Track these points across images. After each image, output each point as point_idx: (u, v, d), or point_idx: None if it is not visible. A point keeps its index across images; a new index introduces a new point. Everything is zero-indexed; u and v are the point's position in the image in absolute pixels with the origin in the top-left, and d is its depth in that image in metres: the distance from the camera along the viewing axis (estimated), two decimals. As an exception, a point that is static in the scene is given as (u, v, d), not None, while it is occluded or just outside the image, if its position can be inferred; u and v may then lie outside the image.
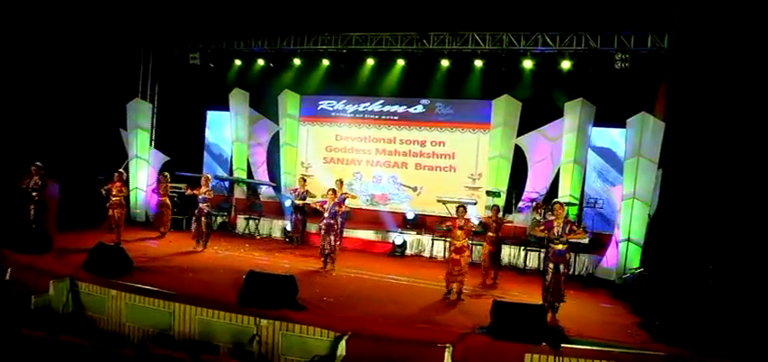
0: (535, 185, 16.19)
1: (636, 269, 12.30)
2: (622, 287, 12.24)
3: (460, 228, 10.38)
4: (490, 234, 12.18)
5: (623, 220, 12.87)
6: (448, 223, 10.65)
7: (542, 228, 9.68)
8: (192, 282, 10.07)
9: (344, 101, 18.11)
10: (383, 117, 17.79)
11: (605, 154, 15.94)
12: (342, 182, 14.70)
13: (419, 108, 17.42)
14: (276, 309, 8.40)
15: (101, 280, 9.52)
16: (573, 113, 15.39)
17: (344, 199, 12.65)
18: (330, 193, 12.22)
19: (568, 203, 14.99)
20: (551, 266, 9.45)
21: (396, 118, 17.66)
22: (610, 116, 15.38)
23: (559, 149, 15.72)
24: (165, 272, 10.62)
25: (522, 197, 16.14)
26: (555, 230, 9.43)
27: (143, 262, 11.02)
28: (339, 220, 12.24)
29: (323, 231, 12.10)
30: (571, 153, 15.38)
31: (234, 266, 11.73)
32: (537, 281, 12.66)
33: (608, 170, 15.96)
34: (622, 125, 15.47)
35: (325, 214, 12.05)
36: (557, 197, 15.46)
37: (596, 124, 15.66)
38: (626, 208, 12.83)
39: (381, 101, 17.63)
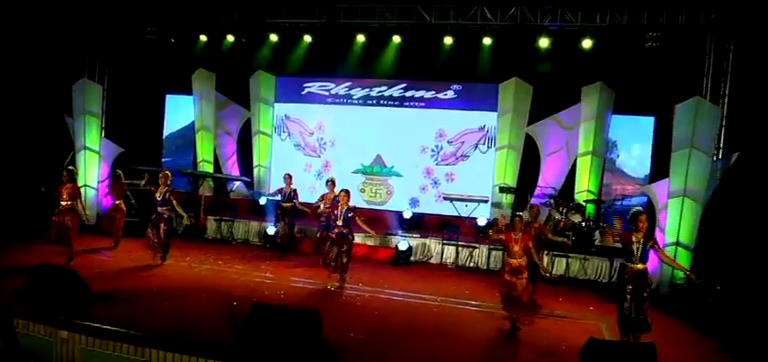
0: (548, 179, 14.38)
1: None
2: (671, 299, 10.56)
3: (526, 248, 8.27)
4: (528, 241, 10.17)
5: (670, 220, 11.14)
6: (501, 235, 8.51)
7: (618, 238, 7.70)
8: (169, 314, 7.72)
9: (348, 84, 15.83)
10: (382, 103, 15.70)
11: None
12: (334, 182, 12.55)
13: (450, 94, 15.30)
14: (297, 359, 6.18)
15: (46, 316, 7.05)
16: (591, 99, 13.73)
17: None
18: (342, 194, 10.03)
19: (588, 201, 13.40)
20: (630, 288, 7.53)
21: (397, 104, 15.61)
22: (633, 102, 13.90)
23: (576, 139, 14.01)
24: (132, 300, 8.20)
25: (535, 193, 14.30)
26: (634, 245, 7.52)
27: (101, 285, 8.55)
28: (352, 229, 10.10)
29: (332, 242, 9.90)
30: (589, 143, 13.74)
31: (218, 285, 9.47)
32: (572, 292, 10.97)
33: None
34: (645, 113, 14.19)
35: (339, 222, 9.86)
36: (573, 193, 13.83)
37: (617, 112, 13.94)
38: (674, 207, 11.09)
39: (404, 85, 15.45)
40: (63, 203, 10.01)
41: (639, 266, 7.50)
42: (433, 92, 15.26)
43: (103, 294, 8.13)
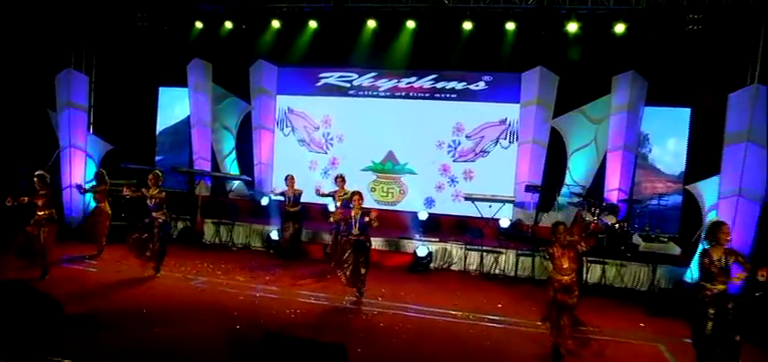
0: (576, 177, 13.26)
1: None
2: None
3: (576, 260, 7.09)
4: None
5: (722, 222, 9.97)
6: (549, 249, 7.28)
7: (707, 261, 6.49)
8: (161, 343, 6.53)
9: (374, 75, 14.42)
10: (412, 96, 14.37)
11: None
12: (343, 178, 11.43)
13: (481, 85, 13.99)
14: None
15: (9, 351, 5.81)
16: (622, 89, 12.56)
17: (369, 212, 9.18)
18: (356, 197, 8.90)
19: (623, 200, 12.28)
20: (712, 312, 6.36)
21: (427, 96, 14.29)
22: (667, 92, 12.73)
23: (605, 133, 12.86)
24: (117, 325, 6.97)
25: (561, 191, 13.23)
26: (715, 262, 6.36)
27: (80, 306, 7.35)
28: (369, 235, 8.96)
29: (349, 252, 8.75)
30: (620, 137, 12.56)
31: (217, 302, 8.30)
32: (613, 305, 9.80)
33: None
34: (681, 104, 13.10)
35: (354, 230, 8.71)
36: (603, 191, 12.70)
37: (650, 103, 12.76)
38: (726, 209, 9.96)
39: (435, 75, 14.08)
40: (39, 212, 8.83)
41: (721, 286, 6.35)
42: (465, 83, 14.00)
43: (82, 318, 6.93)
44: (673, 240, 11.68)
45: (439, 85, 14.11)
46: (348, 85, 14.61)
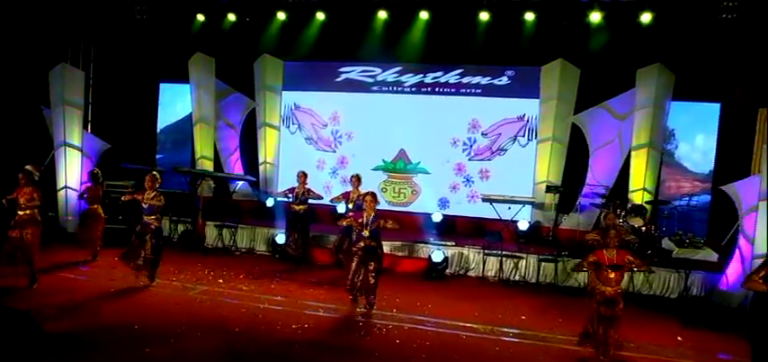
0: (598, 176, 12.55)
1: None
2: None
3: (614, 265, 6.42)
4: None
5: (761, 228, 9.24)
6: (593, 258, 6.57)
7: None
8: (154, 366, 5.87)
9: (397, 70, 13.69)
10: (438, 91, 13.70)
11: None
12: (359, 178, 10.81)
13: (504, 80, 13.31)
14: None
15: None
16: (647, 84, 11.90)
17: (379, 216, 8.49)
18: (368, 198, 8.25)
19: (649, 201, 11.59)
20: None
21: (453, 92, 13.61)
22: (695, 87, 12.03)
23: (629, 130, 12.18)
24: (104, 345, 6.25)
25: (583, 191, 12.48)
26: None
27: (65, 321, 6.70)
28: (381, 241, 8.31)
29: (357, 259, 8.10)
30: (645, 135, 11.93)
31: (217, 315, 7.62)
32: (645, 315, 9.08)
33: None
34: (709, 99, 12.37)
35: (365, 232, 8.04)
36: (627, 191, 12.03)
37: (676, 98, 12.05)
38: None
39: (460, 70, 13.38)
40: (20, 212, 8.19)
41: None
42: (489, 78, 13.34)
43: (67, 337, 6.21)
44: (708, 245, 10.93)
45: (464, 80, 13.44)
46: (371, 80, 13.94)
